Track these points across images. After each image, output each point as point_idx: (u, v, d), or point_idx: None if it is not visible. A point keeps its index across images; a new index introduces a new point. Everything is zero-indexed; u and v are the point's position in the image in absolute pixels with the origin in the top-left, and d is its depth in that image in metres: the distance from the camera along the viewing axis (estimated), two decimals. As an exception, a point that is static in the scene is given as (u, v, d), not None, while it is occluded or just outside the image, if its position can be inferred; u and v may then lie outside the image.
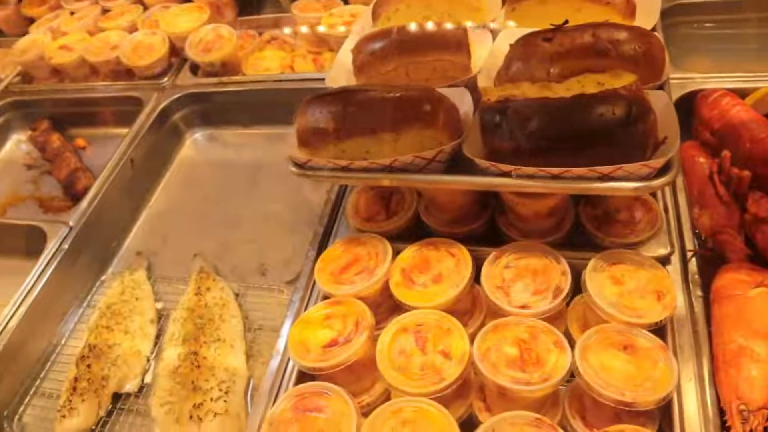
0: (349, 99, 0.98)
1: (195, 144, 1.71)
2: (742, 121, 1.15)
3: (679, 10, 1.51)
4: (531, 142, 0.89)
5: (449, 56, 1.14)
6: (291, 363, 1.03)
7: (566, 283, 0.96)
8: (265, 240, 1.40)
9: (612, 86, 0.91)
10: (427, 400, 0.87)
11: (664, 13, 1.28)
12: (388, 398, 0.98)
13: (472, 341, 0.91)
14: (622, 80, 0.92)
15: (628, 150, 0.87)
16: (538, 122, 0.89)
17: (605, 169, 0.87)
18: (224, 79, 1.68)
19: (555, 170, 0.88)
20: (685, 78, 1.31)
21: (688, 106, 1.28)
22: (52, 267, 1.35)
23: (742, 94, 1.24)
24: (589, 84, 0.94)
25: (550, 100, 0.90)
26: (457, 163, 0.97)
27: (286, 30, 1.83)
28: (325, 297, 1.07)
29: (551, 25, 1.07)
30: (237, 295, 1.28)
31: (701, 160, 1.19)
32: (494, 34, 1.21)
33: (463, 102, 1.05)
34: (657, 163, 0.86)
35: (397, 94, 0.97)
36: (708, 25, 1.51)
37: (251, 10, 1.94)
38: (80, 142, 1.83)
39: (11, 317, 1.27)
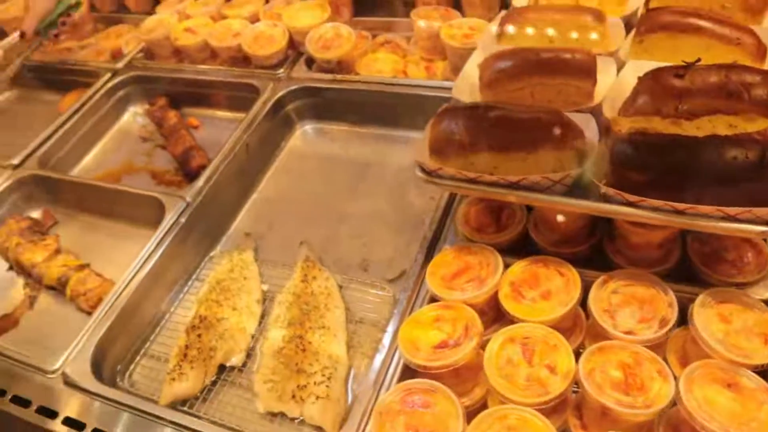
0: (485, 115, 1.04)
1: (304, 135, 1.80)
2: None
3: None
4: (661, 176, 0.93)
5: (576, 82, 1.18)
6: (396, 358, 1.09)
7: (672, 315, 0.99)
8: (369, 237, 1.47)
9: (745, 130, 0.94)
10: (530, 410, 0.92)
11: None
12: (484, 403, 1.04)
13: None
14: (756, 125, 0.95)
15: (757, 194, 0.90)
16: (670, 158, 0.93)
17: (732, 210, 0.90)
18: (338, 76, 1.76)
19: (681, 206, 0.92)
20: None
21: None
22: (169, 238, 1.45)
23: None
24: (720, 125, 0.97)
25: (683, 138, 0.94)
26: (579, 186, 1.02)
27: (399, 35, 1.90)
28: (432, 299, 1.13)
29: (683, 61, 1.10)
30: (340, 287, 1.35)
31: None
32: (618, 63, 1.24)
33: (588, 128, 1.09)
34: (787, 210, 0.89)
35: (531, 116, 1.03)
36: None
37: (366, 12, 2.02)
38: (193, 121, 1.95)
39: (130, 281, 1.38)
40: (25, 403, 1.21)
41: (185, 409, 1.20)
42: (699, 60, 1.09)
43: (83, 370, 1.24)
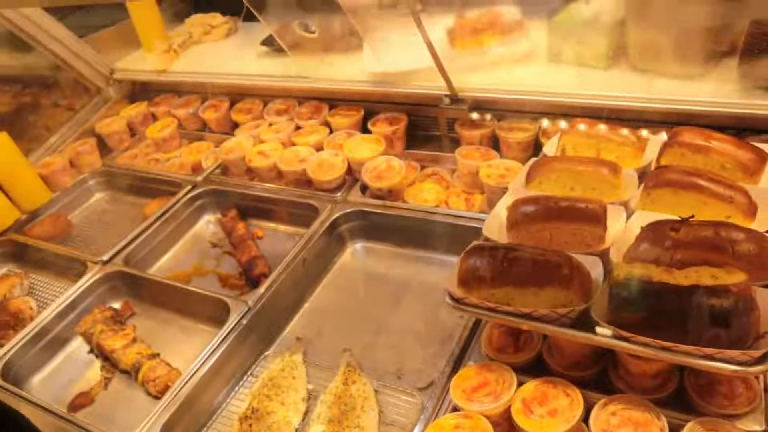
0: (505, 256, 1.24)
1: (354, 253, 2.02)
2: None
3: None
4: (651, 317, 1.10)
5: (588, 227, 1.38)
6: (419, 457, 1.25)
7: (664, 440, 1.13)
8: (403, 348, 1.65)
9: (724, 281, 1.12)
10: None
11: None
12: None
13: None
14: (734, 277, 1.12)
15: (731, 338, 1.06)
16: (657, 302, 1.11)
17: (709, 351, 1.06)
18: (388, 203, 2.00)
19: (665, 343, 1.09)
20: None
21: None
22: (231, 337, 1.66)
23: None
24: (705, 276, 1.15)
25: (671, 286, 1.12)
26: (584, 321, 1.20)
27: (444, 168, 2.15)
28: (455, 409, 1.29)
29: (679, 216, 1.29)
30: (376, 391, 1.52)
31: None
32: (628, 212, 1.44)
33: (594, 269, 1.28)
34: (755, 353, 1.04)
35: (544, 258, 1.23)
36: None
37: (417, 145, 2.28)
38: (258, 232, 2.20)
39: (194, 372, 1.59)
40: (98, 473, 1.40)
41: (233, 490, 1.37)
42: (693, 216, 1.29)
43: (152, 447, 1.43)
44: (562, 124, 1.94)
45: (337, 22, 2.46)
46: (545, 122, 2.01)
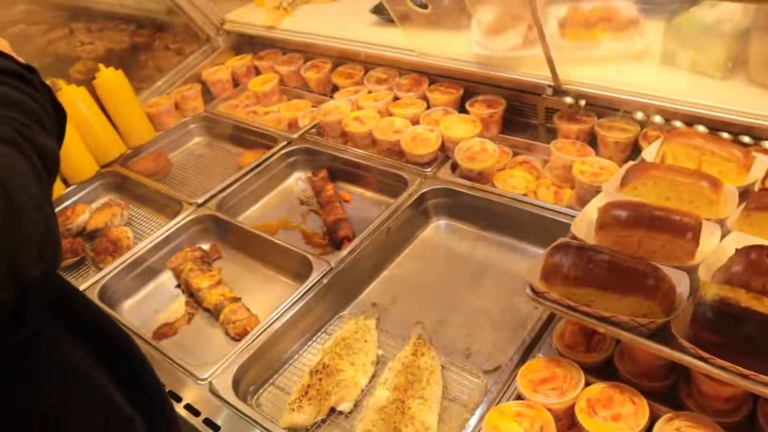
0: (592, 257, 1.26)
1: (437, 229, 2.07)
2: None
3: None
4: (733, 343, 1.11)
5: (680, 241, 1.37)
6: (478, 435, 1.31)
7: (728, 462, 1.14)
8: (475, 329, 1.69)
9: (817, 317, 1.10)
10: None
11: None
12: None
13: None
14: (829, 315, 1.11)
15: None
16: (741, 328, 1.10)
17: (789, 385, 1.06)
18: (477, 185, 2.02)
19: (745, 371, 1.09)
20: None
21: None
22: (310, 294, 1.74)
23: None
24: (797, 308, 1.13)
25: (757, 313, 1.11)
26: (662, 334, 1.21)
27: (537, 157, 2.16)
28: (518, 397, 1.33)
29: (778, 243, 1.27)
30: (442, 366, 1.58)
31: None
32: (724, 231, 1.42)
33: (681, 284, 1.28)
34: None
35: (630, 265, 1.24)
36: None
37: (512, 131, 2.29)
38: (346, 195, 2.27)
39: (273, 322, 1.69)
40: (177, 398, 1.53)
41: (298, 436, 1.47)
42: (792, 247, 1.26)
43: (226, 384, 1.53)
44: (665, 129, 1.91)
45: (449, -1, 2.48)
46: (647, 125, 1.98)
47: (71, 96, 2.38)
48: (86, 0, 3.35)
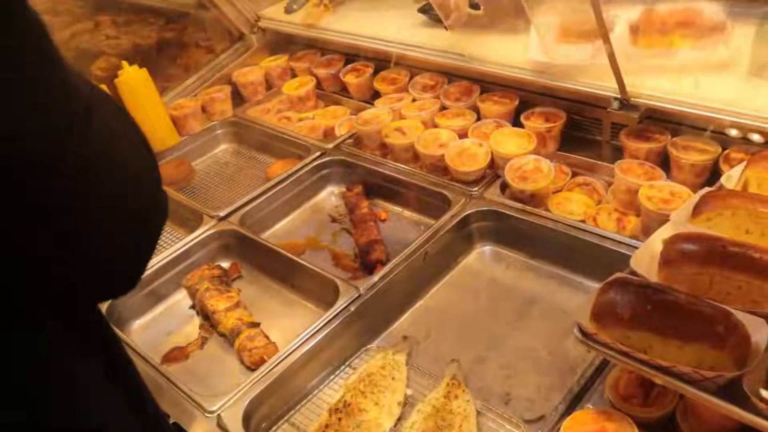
0: (652, 296, 1.22)
1: (481, 256, 2.04)
2: None
3: None
4: (813, 403, 1.05)
5: (759, 282, 1.31)
6: (513, 497, 1.27)
7: None
8: (517, 372, 1.66)
9: None
10: None
11: None
12: None
13: None
14: None
15: None
16: (825, 387, 1.05)
17: None
18: (528, 207, 1.99)
19: (829, 438, 1.03)
20: None
21: None
22: (336, 322, 1.74)
23: None
24: None
25: None
26: (732, 390, 1.16)
27: (599, 179, 2.11)
28: (563, 452, 1.30)
29: None
30: (478, 412, 1.55)
31: None
32: (813, 273, 1.36)
33: (757, 332, 1.22)
34: None
35: (697, 308, 1.19)
36: None
37: (572, 148, 2.26)
38: (382, 214, 2.27)
39: (293, 351, 1.69)
40: (181, 431, 1.54)
41: (312, 482, 1.46)
42: None
43: (236, 418, 1.53)
44: (751, 152, 1.84)
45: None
46: (730, 146, 1.92)
47: (91, 95, 2.45)
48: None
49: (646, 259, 1.44)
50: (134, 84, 2.55)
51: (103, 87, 2.36)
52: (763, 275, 1.32)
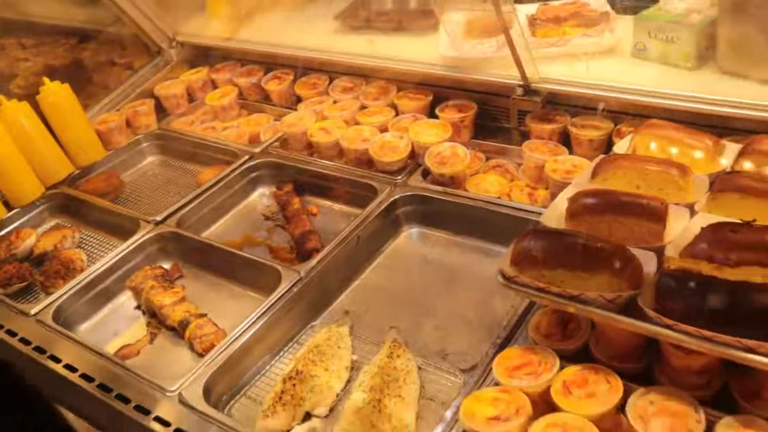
0: (560, 240, 1.47)
1: (409, 238, 2.27)
2: None
3: None
4: (695, 309, 1.31)
5: (648, 224, 1.58)
6: (455, 427, 1.48)
7: (699, 430, 1.33)
8: (450, 331, 1.88)
9: (774, 282, 1.31)
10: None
11: None
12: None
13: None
14: (785, 279, 1.32)
15: (774, 333, 1.26)
16: (702, 295, 1.31)
17: (751, 343, 1.26)
18: (449, 190, 2.23)
19: (707, 333, 1.29)
20: None
21: None
22: (280, 304, 1.92)
23: None
24: (755, 275, 1.34)
25: (716, 280, 1.32)
26: (631, 310, 1.41)
27: (510, 160, 2.38)
28: (495, 384, 1.52)
29: (741, 219, 1.49)
30: (419, 368, 1.76)
31: None
32: (693, 214, 1.64)
33: (648, 264, 1.49)
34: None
35: (598, 246, 1.45)
36: None
37: (484, 136, 2.52)
38: (313, 208, 2.46)
39: (240, 334, 1.85)
40: (146, 412, 1.68)
41: (273, 442, 1.63)
42: (755, 220, 1.48)
43: (196, 394, 1.69)
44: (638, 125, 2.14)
45: (414, 1, 2.73)
46: (621, 122, 2.22)
47: (13, 112, 2.55)
48: (18, 12, 3.54)
49: (554, 217, 1.69)
50: (56, 100, 2.66)
51: (25, 104, 2.50)
52: (651, 218, 1.59)
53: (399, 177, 2.34)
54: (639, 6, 2.30)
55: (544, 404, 1.47)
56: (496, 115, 2.53)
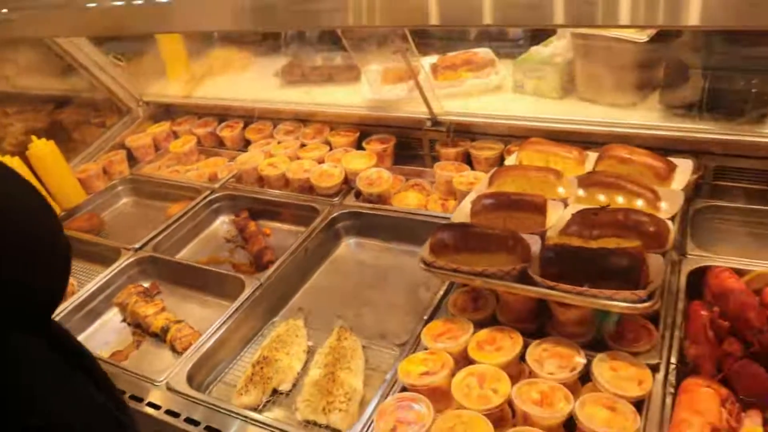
0: (466, 230, 1.62)
1: (348, 247, 2.38)
2: (731, 289, 1.64)
3: (713, 210, 2.04)
4: (568, 271, 1.47)
5: (533, 216, 1.75)
6: (394, 388, 1.59)
7: (580, 365, 1.48)
8: (386, 317, 1.99)
9: (623, 246, 1.49)
10: (479, 414, 1.41)
11: (701, 209, 1.94)
12: (452, 420, 1.52)
13: (512, 385, 1.45)
14: (631, 244, 1.50)
15: (626, 284, 1.43)
16: (574, 260, 1.48)
17: (609, 292, 1.43)
18: (377, 206, 2.36)
19: (580, 288, 1.45)
20: (702, 255, 1.81)
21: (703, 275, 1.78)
22: (245, 306, 2.00)
23: (741, 273, 1.73)
24: (610, 244, 1.52)
25: (584, 248, 1.49)
26: (524, 279, 1.56)
27: (425, 180, 2.53)
28: (425, 350, 1.64)
29: (599, 205, 1.68)
30: (363, 346, 1.87)
31: (702, 313, 1.67)
32: (565, 206, 1.82)
33: (534, 244, 1.65)
34: (642, 293, 1.41)
35: (494, 233, 1.60)
36: (734, 221, 2.02)
37: (403, 162, 2.67)
38: (267, 230, 2.55)
39: (214, 333, 1.92)
40: (139, 399, 1.73)
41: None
42: (609, 205, 1.67)
43: (181, 381, 1.75)
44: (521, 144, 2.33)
45: (339, 58, 2.89)
46: (510, 143, 2.41)
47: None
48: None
49: (462, 216, 1.84)
50: (43, 154, 2.69)
51: (17, 159, 2.53)
52: (535, 211, 1.75)
53: (336, 198, 2.46)
54: (516, 53, 2.52)
55: (463, 360, 1.60)
56: (411, 144, 2.68)
